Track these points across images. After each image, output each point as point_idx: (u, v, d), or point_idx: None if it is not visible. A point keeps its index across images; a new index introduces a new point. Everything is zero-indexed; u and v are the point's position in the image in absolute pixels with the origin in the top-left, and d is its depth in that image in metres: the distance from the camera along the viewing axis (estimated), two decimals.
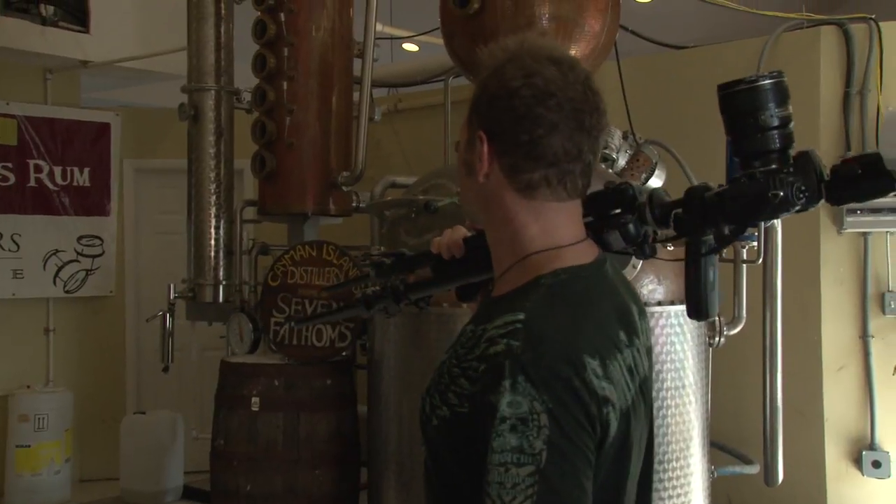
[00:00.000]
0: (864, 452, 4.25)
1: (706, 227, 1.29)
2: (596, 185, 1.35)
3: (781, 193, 1.23)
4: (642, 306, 1.38)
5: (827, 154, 4.28)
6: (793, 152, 1.28)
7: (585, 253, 1.29)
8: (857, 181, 1.25)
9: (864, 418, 4.29)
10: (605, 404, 1.15)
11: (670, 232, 1.33)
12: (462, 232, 1.46)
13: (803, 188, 1.24)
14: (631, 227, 1.31)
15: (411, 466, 3.51)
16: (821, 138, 4.29)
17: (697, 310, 1.32)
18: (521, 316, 1.16)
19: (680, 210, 1.30)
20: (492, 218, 1.30)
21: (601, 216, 1.32)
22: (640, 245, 1.33)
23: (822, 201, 1.28)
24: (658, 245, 3.20)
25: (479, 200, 1.30)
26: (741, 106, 1.27)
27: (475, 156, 1.27)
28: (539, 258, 1.26)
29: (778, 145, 1.26)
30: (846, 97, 4.29)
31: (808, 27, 4.43)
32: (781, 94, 1.27)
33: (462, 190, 1.35)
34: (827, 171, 1.27)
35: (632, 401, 1.22)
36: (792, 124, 1.27)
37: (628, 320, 1.29)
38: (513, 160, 1.24)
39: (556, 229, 1.27)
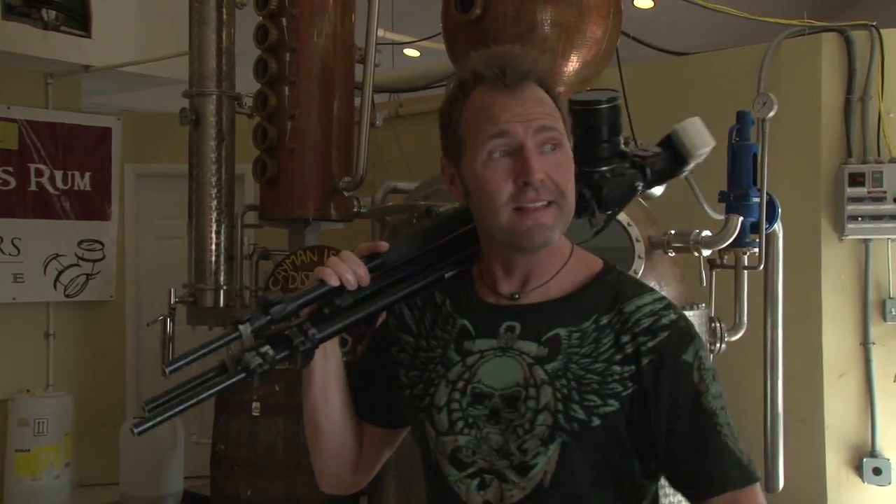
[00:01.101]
0: (864, 459, 4.25)
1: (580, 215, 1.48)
2: None
3: (643, 184, 1.52)
4: None
5: (828, 160, 4.30)
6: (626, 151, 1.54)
7: None
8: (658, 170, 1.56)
9: (864, 425, 4.29)
10: None
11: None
12: (355, 257, 1.32)
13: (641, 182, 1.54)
14: None
15: (411, 471, 3.50)
16: (822, 144, 4.29)
17: None
18: (659, 294, 1.33)
19: None
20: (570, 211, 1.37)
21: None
22: None
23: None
24: (660, 251, 3.22)
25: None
26: (584, 122, 1.46)
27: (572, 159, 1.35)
28: (577, 252, 1.39)
29: (606, 154, 1.49)
30: (847, 104, 4.29)
31: (809, 34, 4.44)
32: (613, 115, 1.50)
33: (571, 195, 1.33)
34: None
35: None
36: (618, 137, 1.51)
37: None
38: None
39: None
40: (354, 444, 1.45)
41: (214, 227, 4.59)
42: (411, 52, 7.15)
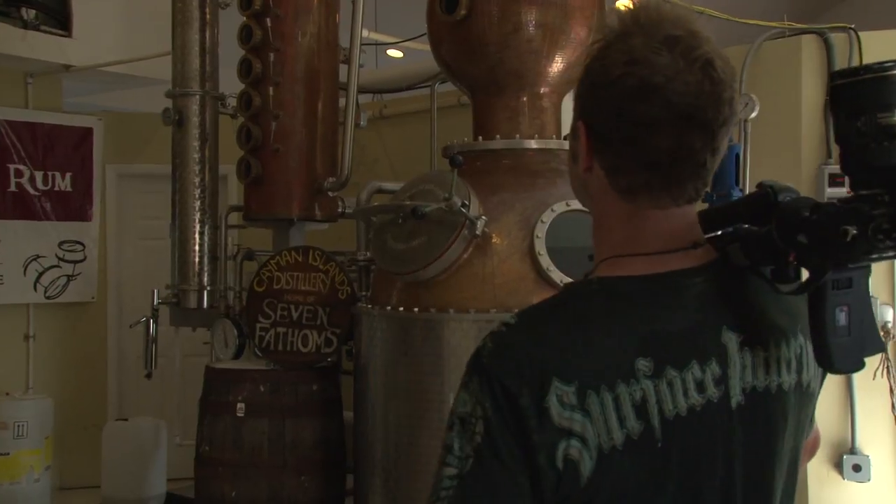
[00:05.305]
0: (844, 456, 4.29)
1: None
2: None
3: None
4: (772, 326, 1.13)
5: (808, 162, 4.35)
6: None
7: (672, 262, 1.10)
8: None
9: (844, 423, 4.33)
10: (566, 437, 1.00)
11: None
12: None
13: None
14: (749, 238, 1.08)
15: (397, 472, 3.50)
16: (802, 146, 4.33)
17: (822, 358, 1.05)
18: (514, 320, 1.07)
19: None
20: (592, 213, 1.18)
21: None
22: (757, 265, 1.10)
23: None
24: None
25: (582, 191, 1.19)
26: (864, 101, 0.94)
27: (579, 145, 1.14)
28: (609, 263, 1.13)
29: None
30: (827, 105, 4.34)
31: (789, 36, 4.48)
32: None
33: (570, 176, 1.21)
34: None
35: (634, 437, 1.02)
36: None
37: (666, 346, 1.06)
38: (611, 160, 1.10)
39: (645, 237, 1.11)
40: None
41: (198, 227, 4.58)
42: (394, 53, 7.16)
